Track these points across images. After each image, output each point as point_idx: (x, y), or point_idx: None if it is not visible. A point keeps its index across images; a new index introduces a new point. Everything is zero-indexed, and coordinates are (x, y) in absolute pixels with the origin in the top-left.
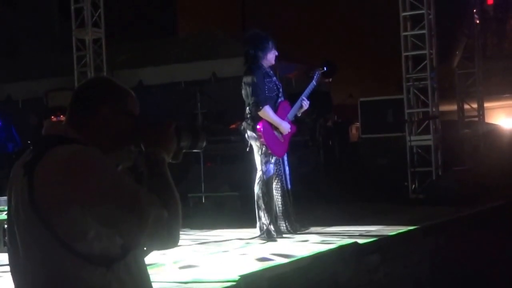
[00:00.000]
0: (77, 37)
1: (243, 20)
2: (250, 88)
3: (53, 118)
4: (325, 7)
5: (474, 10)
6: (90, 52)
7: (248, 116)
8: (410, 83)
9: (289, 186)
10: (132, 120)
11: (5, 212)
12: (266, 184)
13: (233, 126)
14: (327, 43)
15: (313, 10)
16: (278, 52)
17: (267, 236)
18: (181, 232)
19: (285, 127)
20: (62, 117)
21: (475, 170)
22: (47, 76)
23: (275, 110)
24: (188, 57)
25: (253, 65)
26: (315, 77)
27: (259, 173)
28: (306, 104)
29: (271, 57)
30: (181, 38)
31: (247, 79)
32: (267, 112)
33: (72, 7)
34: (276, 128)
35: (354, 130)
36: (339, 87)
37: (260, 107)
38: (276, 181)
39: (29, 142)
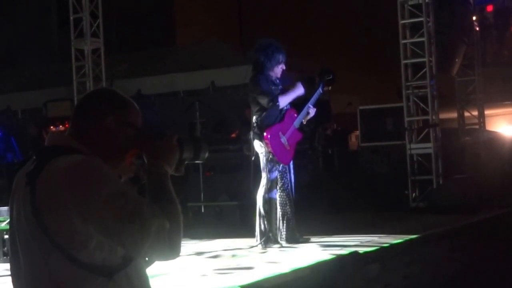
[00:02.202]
0: (76, 47)
1: (240, 29)
2: (257, 95)
3: (52, 128)
4: (324, 16)
5: (474, 18)
6: (89, 62)
7: (255, 124)
8: (410, 91)
9: (293, 195)
10: (135, 131)
11: (4, 222)
12: (268, 192)
13: (233, 135)
14: (325, 52)
15: (311, 19)
16: (285, 67)
17: (267, 244)
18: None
19: (299, 89)
20: (61, 127)
21: (476, 178)
22: (46, 87)
23: (282, 118)
24: (187, 67)
25: (259, 73)
26: (321, 85)
27: (263, 181)
28: (312, 111)
29: (278, 70)
30: (179, 48)
31: (253, 86)
32: (284, 100)
33: (71, 18)
34: (283, 136)
35: (354, 139)
36: (338, 96)
37: (278, 103)
38: (281, 189)
39: (30, 152)
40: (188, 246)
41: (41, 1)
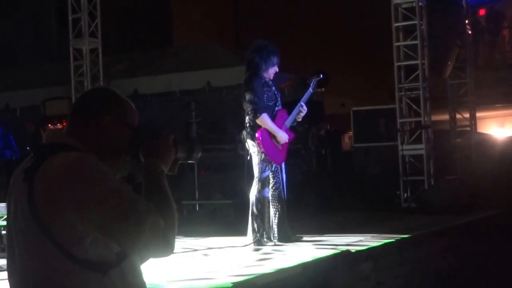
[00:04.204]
0: (74, 47)
1: (236, 30)
2: (249, 97)
3: (50, 126)
4: (318, 18)
5: (467, 21)
6: (87, 61)
7: (247, 125)
8: (403, 93)
9: (285, 195)
10: (131, 131)
11: (2, 218)
12: (260, 191)
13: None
14: (320, 53)
15: (306, 21)
16: (278, 69)
17: (260, 243)
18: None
19: (282, 136)
20: (59, 125)
21: (467, 180)
22: (44, 85)
23: (273, 119)
24: (183, 67)
25: (253, 74)
26: (311, 84)
27: (255, 180)
28: (304, 110)
29: (271, 71)
30: (176, 48)
31: (247, 87)
32: (264, 120)
33: (70, 18)
34: (274, 136)
35: (347, 139)
36: (332, 97)
37: (258, 115)
38: (273, 188)
39: (28, 148)
40: (182, 243)
41: (41, 1)
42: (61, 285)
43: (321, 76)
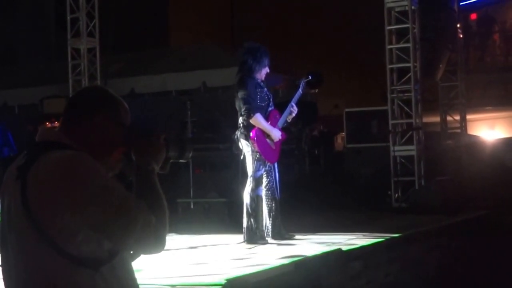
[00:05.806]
0: (72, 46)
1: (232, 32)
2: (243, 97)
3: (48, 124)
4: (312, 20)
5: (458, 25)
6: (85, 61)
7: (241, 125)
8: (395, 95)
9: (278, 193)
10: (123, 130)
11: None
12: (254, 190)
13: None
14: (314, 55)
15: (300, 23)
16: (270, 71)
17: (253, 241)
18: (168, 237)
19: (276, 134)
20: (56, 124)
21: (457, 181)
22: (42, 84)
23: (266, 119)
24: (179, 67)
25: (246, 75)
26: (300, 85)
27: (249, 179)
28: (294, 110)
29: (263, 72)
30: (172, 49)
31: (240, 88)
32: (258, 120)
33: (68, 17)
34: (268, 136)
35: (339, 140)
36: (325, 98)
37: (252, 115)
38: (267, 187)
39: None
40: (176, 240)
41: (40, 0)
42: (53, 281)
43: (309, 77)
